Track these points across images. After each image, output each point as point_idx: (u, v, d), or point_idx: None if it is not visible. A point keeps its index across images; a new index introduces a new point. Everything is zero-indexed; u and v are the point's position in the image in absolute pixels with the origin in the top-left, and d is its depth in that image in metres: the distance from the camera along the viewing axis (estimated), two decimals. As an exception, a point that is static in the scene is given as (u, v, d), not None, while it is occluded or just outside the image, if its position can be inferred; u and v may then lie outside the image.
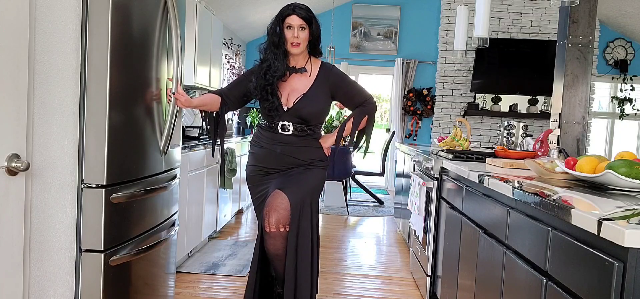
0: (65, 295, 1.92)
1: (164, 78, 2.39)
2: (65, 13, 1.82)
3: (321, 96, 2.54)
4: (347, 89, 2.62)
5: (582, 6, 2.88)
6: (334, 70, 2.61)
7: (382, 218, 6.18)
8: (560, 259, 1.44)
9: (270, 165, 2.57)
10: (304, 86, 2.53)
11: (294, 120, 2.51)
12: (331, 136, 2.64)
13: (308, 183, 2.53)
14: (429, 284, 3.27)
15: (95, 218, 1.94)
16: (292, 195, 2.45)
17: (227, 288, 3.45)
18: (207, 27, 4.74)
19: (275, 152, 2.54)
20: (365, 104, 2.62)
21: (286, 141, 2.53)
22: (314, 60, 2.60)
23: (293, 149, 2.53)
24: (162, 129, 2.37)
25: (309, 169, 2.56)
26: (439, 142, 3.76)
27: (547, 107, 7.05)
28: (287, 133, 2.52)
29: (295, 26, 2.45)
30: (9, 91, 1.53)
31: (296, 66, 2.55)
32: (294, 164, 2.55)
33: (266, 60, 2.50)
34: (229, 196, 5.07)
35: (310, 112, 2.51)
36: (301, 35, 2.46)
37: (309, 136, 2.56)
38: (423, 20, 7.65)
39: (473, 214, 2.37)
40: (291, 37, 2.45)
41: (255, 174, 2.63)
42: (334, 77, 2.58)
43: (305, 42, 2.49)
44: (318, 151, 2.60)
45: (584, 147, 3.00)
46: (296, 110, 2.49)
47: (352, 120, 2.62)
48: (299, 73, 2.54)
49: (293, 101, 2.50)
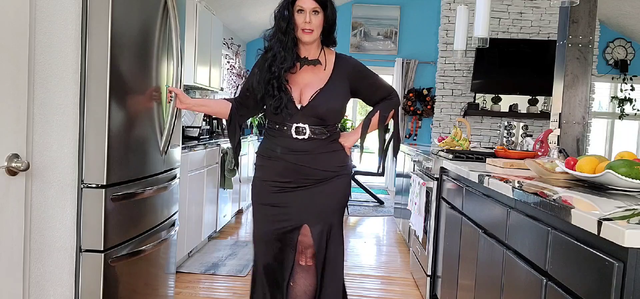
0: (65, 295, 1.92)
1: (164, 78, 2.39)
2: (65, 13, 1.82)
3: (340, 91, 2.15)
4: (369, 83, 2.25)
5: (582, 6, 2.88)
6: (352, 62, 2.23)
7: (382, 218, 6.18)
8: (560, 259, 1.44)
9: (285, 179, 2.14)
10: (319, 81, 2.13)
11: (310, 120, 2.11)
12: (353, 134, 2.27)
13: (334, 206, 2.18)
14: (429, 284, 3.27)
15: (95, 218, 1.94)
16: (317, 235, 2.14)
17: (227, 288, 3.45)
18: (207, 27, 4.74)
19: (290, 163, 2.12)
20: (389, 98, 2.29)
21: (303, 149, 2.11)
22: (327, 51, 2.20)
23: (311, 159, 2.12)
24: (162, 129, 2.37)
25: (333, 181, 2.16)
26: (439, 142, 3.76)
27: (547, 107, 7.05)
28: (303, 137, 2.11)
29: (307, 10, 2.05)
30: (9, 91, 1.53)
31: (308, 57, 2.15)
32: (314, 176, 2.13)
33: (271, 50, 2.12)
34: (229, 196, 5.07)
35: (330, 109, 2.12)
36: (314, 20, 2.07)
37: (328, 138, 2.16)
38: (423, 20, 7.65)
39: (473, 214, 2.37)
40: (302, 22, 2.06)
41: (264, 189, 2.19)
42: (354, 70, 2.21)
43: (318, 29, 2.10)
44: (340, 156, 2.20)
45: (584, 147, 3.00)
46: (313, 108, 2.09)
47: (378, 115, 2.27)
48: (312, 65, 2.15)
49: (308, 98, 2.11)
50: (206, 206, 4.21)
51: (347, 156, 2.24)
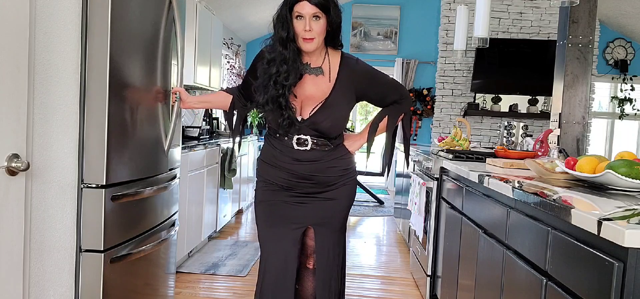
0: (65, 295, 1.92)
1: (164, 78, 2.39)
2: (65, 13, 1.82)
3: (343, 102, 2.02)
4: (378, 89, 2.10)
5: (582, 6, 2.88)
6: (359, 67, 2.06)
7: (382, 218, 6.18)
8: (560, 259, 1.44)
9: (289, 186, 2.07)
10: (321, 92, 2.00)
11: (311, 133, 2.01)
12: (359, 139, 2.16)
13: (338, 213, 2.11)
14: (429, 284, 3.27)
15: (95, 218, 1.94)
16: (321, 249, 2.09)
17: (227, 288, 3.45)
18: (207, 27, 4.74)
19: (294, 173, 2.04)
20: (400, 101, 2.13)
21: (307, 158, 2.02)
22: (332, 54, 2.03)
23: (317, 167, 2.04)
24: (162, 129, 2.37)
25: (338, 188, 2.09)
26: (439, 142, 3.76)
27: (547, 107, 7.05)
28: (306, 148, 2.01)
29: (307, 16, 1.88)
30: (9, 91, 1.53)
31: (310, 64, 2.00)
32: (318, 184, 2.06)
33: (273, 63, 1.94)
34: (229, 196, 5.07)
35: (331, 125, 2.00)
36: (315, 27, 1.89)
37: (332, 148, 2.06)
38: (423, 20, 7.65)
39: (473, 214, 2.37)
40: (302, 30, 1.89)
41: (268, 193, 2.11)
42: (361, 77, 2.05)
43: (321, 36, 1.92)
44: (346, 161, 2.11)
45: (584, 147, 3.00)
46: (313, 123, 1.99)
47: (386, 120, 2.14)
48: (315, 74, 2.00)
49: (309, 112, 2.00)
50: (206, 206, 4.21)
51: (352, 159, 2.15)
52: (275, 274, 2.08)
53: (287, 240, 2.08)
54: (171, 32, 2.35)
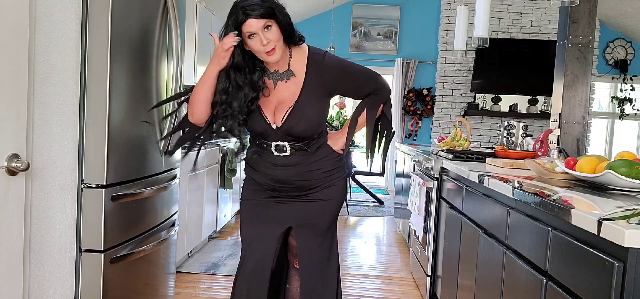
0: (65, 295, 1.92)
1: (164, 78, 2.39)
2: (65, 13, 1.82)
3: (315, 102, 1.94)
4: (350, 82, 2.01)
5: (582, 6, 2.88)
6: (326, 62, 1.95)
7: (382, 218, 6.18)
8: (560, 259, 1.44)
9: (274, 189, 2.02)
10: (291, 95, 1.92)
11: (288, 138, 1.94)
12: (340, 136, 2.07)
13: (324, 216, 2.04)
14: (429, 284, 3.27)
15: (95, 218, 1.94)
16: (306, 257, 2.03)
17: (227, 288, 3.45)
18: (207, 27, 4.74)
19: (275, 178, 1.98)
20: (376, 92, 2.04)
21: (286, 163, 1.96)
22: (295, 51, 1.94)
23: (297, 171, 1.98)
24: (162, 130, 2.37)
25: (324, 190, 2.02)
26: (439, 142, 3.76)
27: (547, 107, 7.05)
28: (285, 154, 1.96)
29: (258, 31, 1.78)
30: (9, 91, 1.53)
31: (279, 70, 1.93)
32: (303, 187, 2.01)
33: (240, 89, 1.88)
34: (229, 196, 5.07)
35: (304, 129, 1.92)
36: (271, 36, 1.80)
37: (313, 150, 1.99)
38: (423, 20, 7.65)
39: (473, 214, 2.37)
40: (259, 46, 1.80)
41: (254, 193, 2.07)
42: (330, 71, 1.95)
43: (280, 41, 1.84)
44: (331, 161, 2.03)
45: (584, 147, 3.00)
46: (288, 129, 1.92)
47: (365, 113, 2.06)
48: (286, 79, 1.93)
49: (281, 118, 1.92)
50: (206, 206, 4.21)
51: (340, 158, 2.06)
52: (251, 270, 2.03)
53: (266, 238, 2.03)
54: (171, 32, 2.35)
